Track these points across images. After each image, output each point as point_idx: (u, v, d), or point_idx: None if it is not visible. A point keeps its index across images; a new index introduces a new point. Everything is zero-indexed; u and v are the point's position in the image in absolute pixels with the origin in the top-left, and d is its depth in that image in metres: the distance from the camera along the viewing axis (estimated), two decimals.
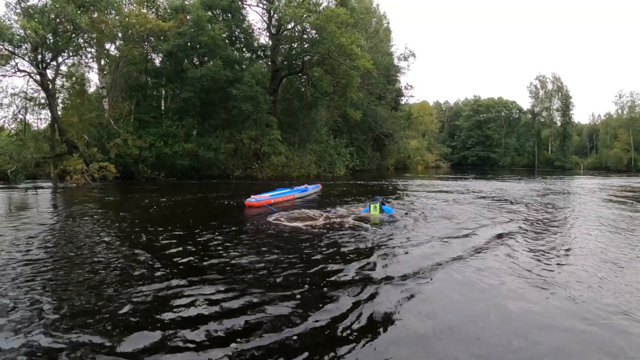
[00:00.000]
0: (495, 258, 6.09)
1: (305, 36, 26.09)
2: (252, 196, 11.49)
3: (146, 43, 22.05)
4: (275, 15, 26.15)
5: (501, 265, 5.69)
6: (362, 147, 38.76)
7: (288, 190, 13.42)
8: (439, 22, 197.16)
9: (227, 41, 26.15)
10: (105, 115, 20.84)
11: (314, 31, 25.01)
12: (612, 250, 6.78)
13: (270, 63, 28.59)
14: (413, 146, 54.71)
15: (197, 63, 24.73)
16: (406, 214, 10.26)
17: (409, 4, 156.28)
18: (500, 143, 74.90)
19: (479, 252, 6.40)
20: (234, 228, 8.22)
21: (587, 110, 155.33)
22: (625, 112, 70.54)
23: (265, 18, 27.66)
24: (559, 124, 72.41)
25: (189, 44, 22.45)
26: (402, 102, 50.60)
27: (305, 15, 23.43)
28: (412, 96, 55.76)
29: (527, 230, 8.35)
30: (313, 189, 15.20)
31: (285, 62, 27.53)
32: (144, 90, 24.07)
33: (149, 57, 23.96)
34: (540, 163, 70.68)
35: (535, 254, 6.36)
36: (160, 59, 24.76)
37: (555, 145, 72.94)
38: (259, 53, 29.28)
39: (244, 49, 28.78)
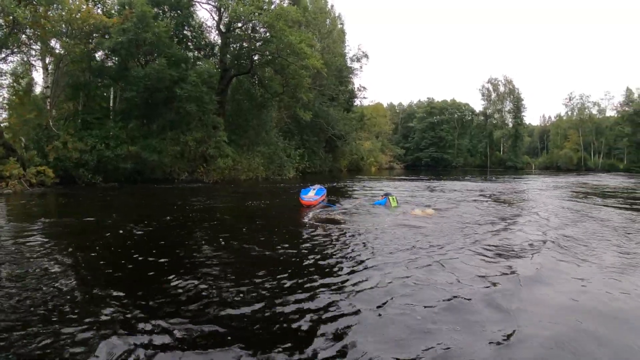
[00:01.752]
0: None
1: (255, 35, 27.15)
2: (303, 196, 12.68)
3: (91, 40, 22.13)
4: (225, 13, 26.88)
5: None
6: (313, 149, 40.40)
7: (316, 189, 14.24)
8: (393, 23, 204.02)
9: (175, 39, 26.75)
10: (46, 116, 20.86)
11: (264, 29, 26.16)
12: None
13: (219, 62, 29.34)
14: (366, 147, 57.11)
15: (142, 61, 25.03)
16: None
17: (364, 5, 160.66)
18: (453, 144, 79.42)
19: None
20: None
21: (538, 111, 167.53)
22: (575, 113, 76.77)
23: (215, 16, 28.49)
24: (510, 125, 78.03)
25: (133, 42, 22.60)
26: (355, 104, 53.32)
27: (256, 13, 24.42)
28: (365, 97, 58.39)
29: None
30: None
31: (235, 62, 28.45)
32: (88, 90, 24.00)
33: (93, 54, 23.99)
34: (492, 163, 75.72)
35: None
36: (104, 56, 24.85)
37: (507, 146, 78.39)
38: (207, 51, 29.84)
39: (192, 48, 29.39)
